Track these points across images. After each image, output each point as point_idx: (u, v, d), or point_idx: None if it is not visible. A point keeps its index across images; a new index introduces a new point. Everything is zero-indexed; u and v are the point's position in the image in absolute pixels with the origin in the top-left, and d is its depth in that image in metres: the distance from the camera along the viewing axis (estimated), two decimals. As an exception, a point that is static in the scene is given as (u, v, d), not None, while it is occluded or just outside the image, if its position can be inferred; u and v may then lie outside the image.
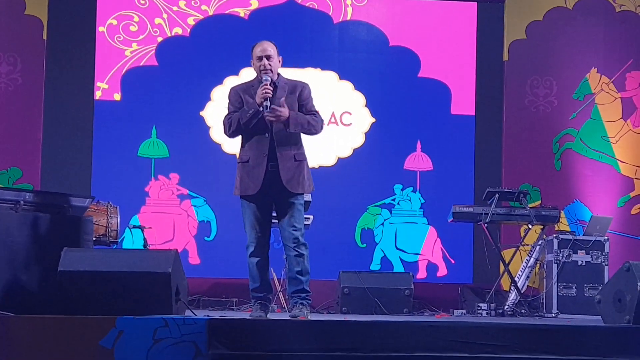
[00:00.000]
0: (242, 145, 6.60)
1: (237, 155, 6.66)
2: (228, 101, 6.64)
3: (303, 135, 6.60)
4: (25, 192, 7.15)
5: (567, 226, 10.51)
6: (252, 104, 6.47)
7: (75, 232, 6.84)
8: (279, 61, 6.60)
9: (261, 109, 6.40)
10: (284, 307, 8.81)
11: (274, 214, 6.63)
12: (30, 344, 5.32)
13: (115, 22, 10.73)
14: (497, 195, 9.18)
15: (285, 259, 6.82)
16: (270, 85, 6.44)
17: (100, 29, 10.71)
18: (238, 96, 6.58)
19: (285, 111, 6.39)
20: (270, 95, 6.41)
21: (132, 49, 10.73)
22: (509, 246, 9.66)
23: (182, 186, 10.63)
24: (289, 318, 6.36)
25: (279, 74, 6.61)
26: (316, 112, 6.66)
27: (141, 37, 10.76)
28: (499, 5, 11.08)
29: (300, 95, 6.59)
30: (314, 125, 6.59)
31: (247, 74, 10.60)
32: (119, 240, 8.63)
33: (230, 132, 6.57)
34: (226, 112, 6.66)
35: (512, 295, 9.21)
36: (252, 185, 6.49)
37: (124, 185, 10.46)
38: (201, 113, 10.72)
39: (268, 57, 6.50)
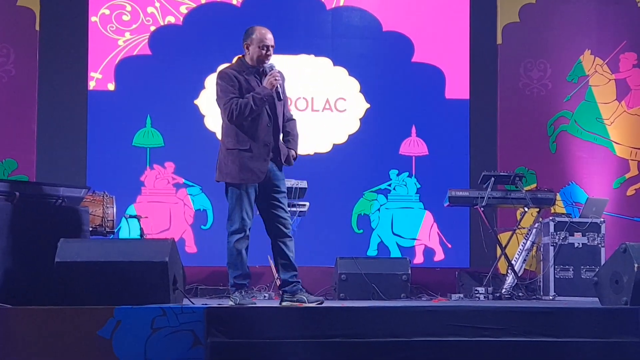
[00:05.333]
0: (237, 133, 6.46)
1: (226, 142, 6.51)
2: (223, 84, 6.49)
3: None
4: (20, 183, 7.15)
5: (563, 209, 10.51)
6: (248, 90, 6.45)
7: (71, 223, 6.84)
8: None
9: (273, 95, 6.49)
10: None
11: None
12: (28, 335, 5.33)
13: (107, 11, 10.71)
14: (492, 179, 9.18)
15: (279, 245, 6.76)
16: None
17: (93, 19, 10.68)
18: (236, 80, 6.49)
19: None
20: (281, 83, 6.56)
21: (125, 38, 10.70)
22: (506, 230, 9.67)
23: (177, 175, 10.63)
24: (286, 305, 6.38)
25: None
26: None
27: (134, 26, 10.74)
28: (492, -12, 11.07)
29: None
30: None
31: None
32: (116, 230, 8.63)
33: (243, 117, 6.40)
34: (218, 97, 6.55)
35: (509, 279, 9.22)
36: (257, 174, 6.47)
37: (119, 175, 10.45)
38: (195, 101, 10.71)
39: (273, 47, 6.57)
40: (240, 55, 6.69)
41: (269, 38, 6.54)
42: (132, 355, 5.29)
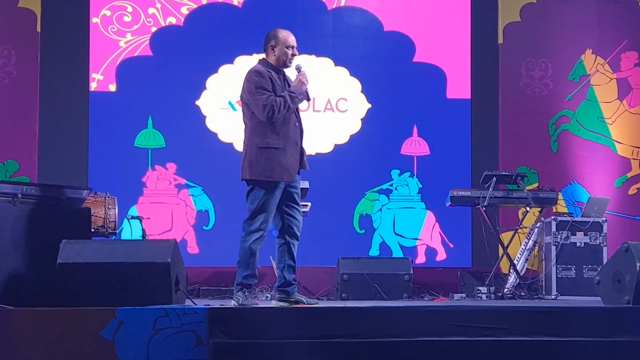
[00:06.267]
0: (270, 131, 6.48)
1: (257, 141, 6.50)
2: (258, 81, 6.51)
3: None
4: (22, 185, 7.15)
5: (565, 208, 10.51)
6: (276, 90, 6.54)
7: (73, 224, 6.85)
8: None
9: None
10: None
11: None
12: (31, 336, 5.33)
13: (108, 12, 10.71)
14: (494, 178, 9.18)
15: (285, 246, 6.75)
16: None
17: (94, 20, 10.69)
18: (269, 79, 6.56)
19: None
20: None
21: (127, 39, 10.71)
22: (508, 229, 9.66)
23: (179, 176, 10.63)
24: (283, 305, 6.39)
25: None
26: None
27: (135, 27, 10.74)
28: (493, -12, 11.07)
29: None
30: None
31: (243, 62, 10.61)
32: (118, 231, 8.64)
33: (279, 114, 6.44)
34: (252, 93, 6.52)
35: (512, 278, 9.22)
36: (291, 173, 6.51)
37: (121, 176, 10.45)
38: (197, 102, 10.71)
39: (296, 48, 6.75)
40: (262, 57, 6.75)
41: (293, 39, 6.71)
42: (134, 356, 5.30)
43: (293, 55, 6.67)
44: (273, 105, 6.41)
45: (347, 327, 5.51)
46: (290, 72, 6.89)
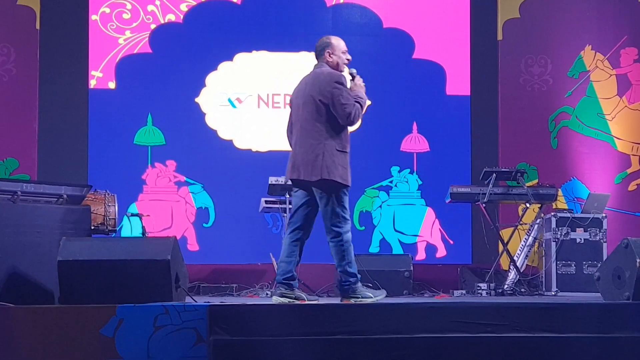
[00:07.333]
0: (343, 136, 6.65)
1: (335, 144, 6.60)
2: (343, 87, 6.59)
3: None
4: (22, 182, 7.15)
5: (565, 204, 10.51)
6: None
7: (73, 221, 6.84)
8: None
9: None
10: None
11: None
12: (31, 334, 5.33)
13: (108, 10, 10.71)
14: (494, 175, 9.19)
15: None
16: None
17: (93, 17, 10.69)
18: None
19: None
20: None
21: (126, 36, 10.71)
22: (507, 226, 9.66)
23: (179, 173, 10.63)
24: (289, 303, 6.40)
25: None
26: None
27: (134, 24, 10.74)
28: (492, -16, 11.07)
29: None
30: None
31: (242, 60, 10.63)
32: (117, 229, 8.63)
33: (357, 120, 6.62)
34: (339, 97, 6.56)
35: (512, 275, 9.22)
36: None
37: (121, 174, 10.45)
38: (196, 99, 10.71)
39: None
40: (318, 64, 6.80)
41: (344, 44, 6.88)
42: (134, 353, 5.29)
43: (348, 60, 6.80)
44: (358, 113, 6.57)
45: (347, 324, 5.51)
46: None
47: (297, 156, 6.63)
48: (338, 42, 6.80)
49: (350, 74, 6.83)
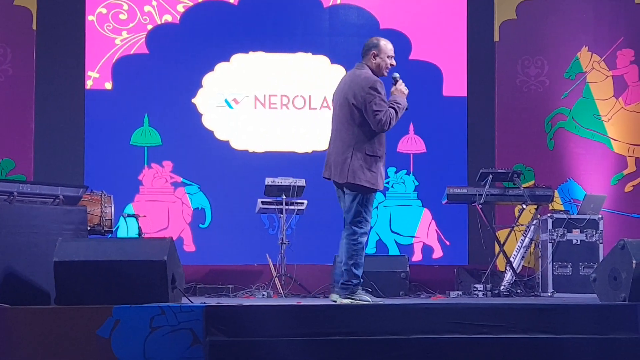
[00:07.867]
0: (376, 141, 6.61)
1: (365, 148, 6.57)
2: (377, 92, 6.56)
3: None
4: (18, 183, 7.14)
5: (561, 205, 10.51)
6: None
7: (69, 222, 6.84)
8: None
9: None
10: (280, 293, 8.81)
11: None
12: (27, 335, 5.32)
13: (104, 10, 10.70)
14: (490, 176, 9.19)
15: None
16: None
17: (90, 17, 10.68)
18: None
19: None
20: None
21: (122, 37, 10.70)
22: (504, 227, 9.67)
23: (175, 174, 10.62)
24: (284, 304, 6.39)
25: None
26: None
27: (131, 25, 10.73)
28: (489, -15, 11.07)
29: None
30: None
31: (238, 60, 10.63)
32: (114, 230, 8.63)
33: (390, 127, 6.62)
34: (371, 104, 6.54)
35: (508, 276, 9.23)
36: (383, 182, 6.68)
37: (117, 174, 10.45)
38: (193, 100, 10.71)
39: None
40: (361, 64, 6.76)
41: (392, 48, 6.76)
42: (131, 354, 5.29)
43: (391, 64, 6.75)
44: (390, 119, 6.56)
45: (343, 325, 5.51)
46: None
47: (331, 156, 6.74)
48: (386, 45, 6.72)
49: (393, 78, 6.82)
